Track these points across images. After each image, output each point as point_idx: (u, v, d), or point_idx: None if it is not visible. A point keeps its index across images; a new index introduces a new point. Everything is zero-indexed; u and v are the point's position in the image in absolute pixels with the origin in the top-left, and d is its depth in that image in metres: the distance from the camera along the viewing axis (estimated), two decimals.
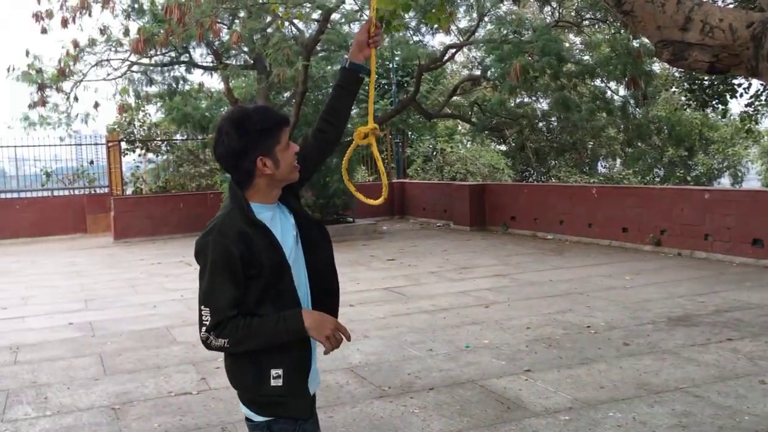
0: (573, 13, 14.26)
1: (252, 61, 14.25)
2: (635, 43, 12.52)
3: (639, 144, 15.06)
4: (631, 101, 13.91)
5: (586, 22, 14.37)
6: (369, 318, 7.12)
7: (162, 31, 11.92)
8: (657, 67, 15.14)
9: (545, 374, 5.10)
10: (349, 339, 2.17)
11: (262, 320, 2.07)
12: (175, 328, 6.99)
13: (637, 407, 4.39)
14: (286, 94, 15.09)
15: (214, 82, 16.42)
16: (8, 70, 14.27)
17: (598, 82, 14.81)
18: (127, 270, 11.15)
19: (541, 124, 17.19)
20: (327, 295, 2.32)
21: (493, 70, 11.39)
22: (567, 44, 15.46)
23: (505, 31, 12.27)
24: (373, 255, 11.80)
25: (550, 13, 14.61)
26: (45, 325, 7.39)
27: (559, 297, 7.79)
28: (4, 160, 16.80)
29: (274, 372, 2.13)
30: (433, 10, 4.60)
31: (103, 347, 6.35)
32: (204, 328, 2.06)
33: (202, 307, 2.07)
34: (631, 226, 11.40)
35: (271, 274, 2.10)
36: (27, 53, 14.36)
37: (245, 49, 13.87)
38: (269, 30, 12.90)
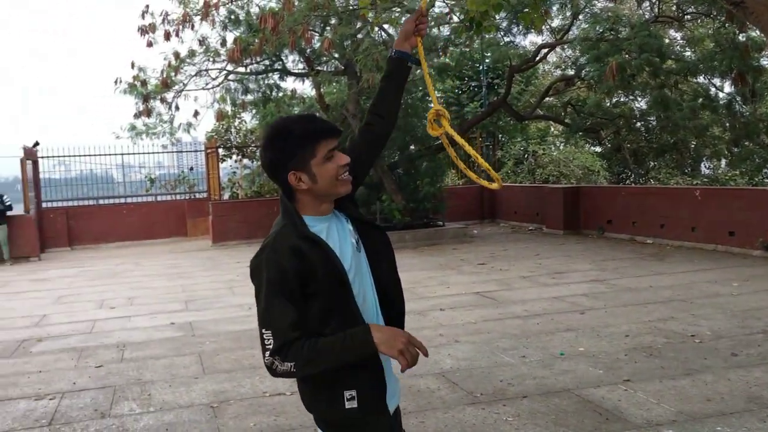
0: (674, 8, 13.65)
1: (343, 67, 14.44)
2: (741, 37, 11.87)
3: (746, 143, 14.25)
4: (738, 98, 13.17)
5: (688, 17, 13.75)
6: (460, 323, 7.04)
7: (257, 41, 12.25)
8: (766, 61, 14.30)
9: (646, 385, 4.88)
10: (426, 354, 2.00)
11: (327, 340, 1.94)
12: None
13: (747, 422, 4.13)
14: None
15: (307, 89, 16.75)
16: (115, 82, 15.07)
17: (701, 78, 14.13)
18: (225, 272, 11.52)
19: (639, 124, 16.56)
20: (392, 308, 2.18)
21: (588, 69, 11.03)
22: (667, 40, 14.83)
23: (600, 29, 11.88)
24: (463, 259, 11.69)
25: (648, 8, 14.05)
26: (149, 324, 7.72)
27: (661, 304, 7.45)
28: (112, 167, 17.74)
29: (347, 394, 2.02)
30: (526, 10, 4.48)
31: (202, 347, 6.57)
32: (267, 353, 1.94)
33: (263, 330, 1.95)
34: (739, 229, 10.79)
35: (330, 290, 1.97)
36: (132, 65, 15.14)
37: (336, 55, 14.07)
38: (359, 36, 13.03)
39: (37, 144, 16.07)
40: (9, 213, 14.45)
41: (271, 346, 1.93)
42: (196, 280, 10.79)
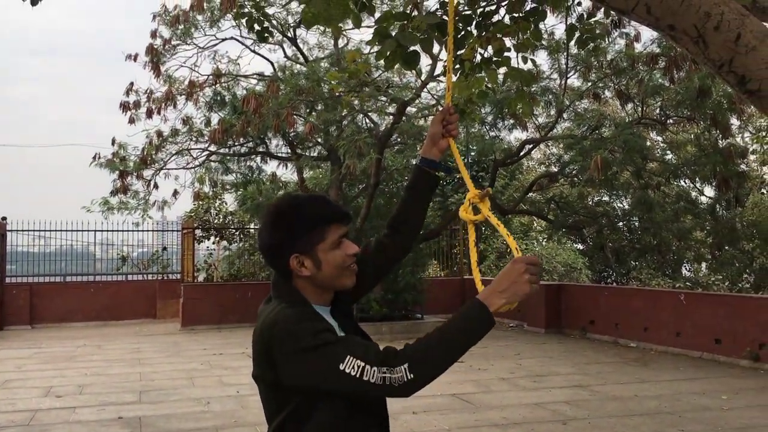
0: (657, 111, 13.78)
1: (326, 152, 14.32)
2: (723, 143, 11.91)
3: (727, 248, 14.13)
4: (722, 203, 13.12)
5: (671, 121, 13.86)
6: (432, 429, 6.51)
7: (239, 122, 12.13)
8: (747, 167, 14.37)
9: None
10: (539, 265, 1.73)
11: (438, 329, 1.68)
12: (224, 429, 6.56)
13: None
14: (361, 186, 15.03)
15: (289, 173, 16.60)
16: (94, 158, 14.80)
17: (683, 182, 14.13)
18: (189, 360, 10.89)
19: (621, 224, 16.46)
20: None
21: (572, 165, 10.93)
22: (649, 143, 14.92)
23: (584, 127, 11.89)
24: None
25: (632, 110, 14.19)
26: (95, 417, 7.09)
27: (647, 417, 6.97)
28: (83, 243, 17.22)
29: None
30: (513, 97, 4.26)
31: None
32: (367, 370, 1.59)
33: (341, 365, 1.60)
34: (725, 337, 10.42)
35: None
36: (113, 142, 14.92)
37: (319, 140, 13.97)
38: (345, 123, 12.97)
39: (4, 219, 15.60)
40: None
41: (363, 362, 1.60)
42: (156, 368, 10.15)
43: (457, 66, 4.04)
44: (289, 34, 14.10)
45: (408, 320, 14.01)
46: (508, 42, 4.07)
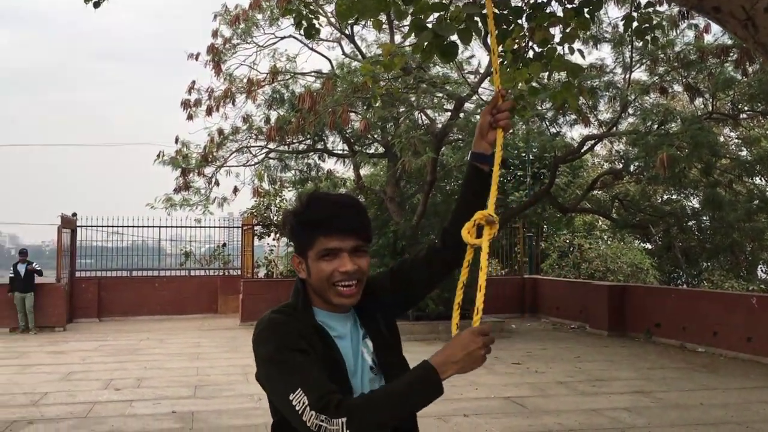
0: (728, 105, 13.13)
1: (383, 149, 14.24)
2: None
3: None
4: None
5: (744, 115, 13.19)
6: None
7: (293, 120, 12.16)
8: None
9: None
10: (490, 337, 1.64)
11: (384, 387, 1.61)
12: None
13: None
14: (421, 182, 14.90)
15: (347, 170, 16.62)
16: (158, 156, 15.14)
17: (757, 180, 13.44)
18: (245, 355, 10.98)
19: (691, 223, 15.80)
20: None
21: (636, 162, 10.49)
22: (721, 138, 14.26)
23: (649, 123, 11.43)
24: (497, 357, 10.93)
25: (702, 105, 13.57)
26: (150, 411, 7.21)
27: (712, 427, 6.61)
28: (147, 239, 17.67)
29: None
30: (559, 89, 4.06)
31: None
32: (306, 412, 1.49)
33: (291, 395, 1.52)
34: None
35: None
36: (176, 140, 15.23)
37: (377, 137, 13.90)
38: (401, 120, 12.85)
39: (74, 215, 16.15)
40: (37, 280, 14.36)
41: (307, 402, 1.50)
42: (213, 363, 10.29)
43: (502, 53, 3.87)
44: (347, 31, 14.08)
45: (465, 319, 13.76)
46: (555, 34, 3.87)
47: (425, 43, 2.99)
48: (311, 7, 5.54)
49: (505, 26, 4.07)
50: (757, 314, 10.66)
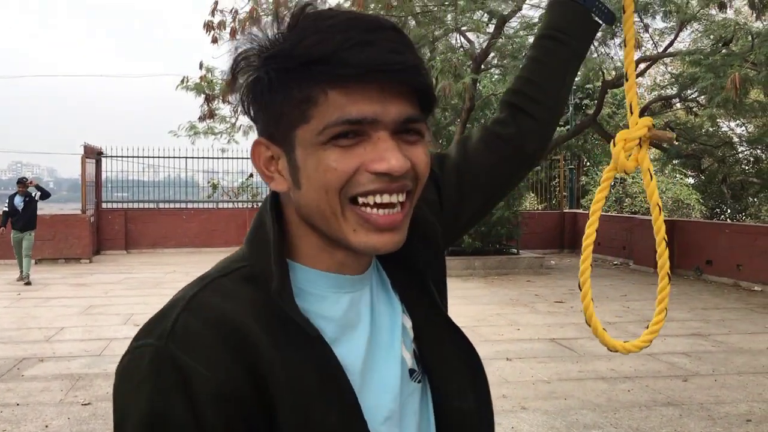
0: None
1: None
2: None
3: None
4: None
5: None
6: (529, 379, 5.75)
7: None
8: None
9: None
10: None
11: None
12: None
13: None
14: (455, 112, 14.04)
15: None
16: (182, 81, 14.43)
17: None
18: None
19: (745, 153, 14.73)
20: None
21: (700, 83, 9.43)
22: None
23: (713, 41, 10.33)
24: (538, 294, 10.32)
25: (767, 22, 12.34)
26: None
27: None
28: (174, 170, 17.18)
29: None
30: None
31: None
32: None
33: None
34: None
35: None
36: (200, 65, 14.48)
37: None
38: (437, 42, 11.90)
39: (101, 151, 15.72)
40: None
41: None
42: None
43: None
44: None
45: (502, 255, 13.17)
46: None
47: None
48: None
49: None
50: None
